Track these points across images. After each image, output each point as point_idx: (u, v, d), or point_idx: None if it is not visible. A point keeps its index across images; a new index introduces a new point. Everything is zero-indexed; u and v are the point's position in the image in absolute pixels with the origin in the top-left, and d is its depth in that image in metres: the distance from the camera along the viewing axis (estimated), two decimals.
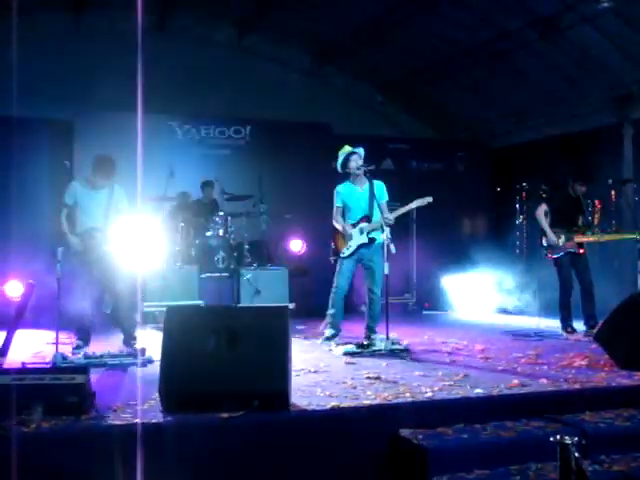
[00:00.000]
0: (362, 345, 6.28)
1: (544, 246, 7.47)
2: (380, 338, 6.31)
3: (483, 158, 11.91)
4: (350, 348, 6.20)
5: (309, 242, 9.94)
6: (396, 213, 6.59)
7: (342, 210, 6.76)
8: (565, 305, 7.42)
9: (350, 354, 6.06)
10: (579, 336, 7.17)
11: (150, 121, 9.35)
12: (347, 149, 6.73)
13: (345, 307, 6.91)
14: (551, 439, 3.41)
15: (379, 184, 6.73)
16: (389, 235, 6.23)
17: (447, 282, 10.33)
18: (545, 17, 8.79)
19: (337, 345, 6.43)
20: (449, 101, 11.59)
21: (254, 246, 9.47)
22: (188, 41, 10.92)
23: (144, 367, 5.50)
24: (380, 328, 6.43)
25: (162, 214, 9.11)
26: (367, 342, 6.37)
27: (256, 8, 10.50)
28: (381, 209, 6.53)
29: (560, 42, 9.11)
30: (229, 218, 9.35)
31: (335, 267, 6.86)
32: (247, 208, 9.45)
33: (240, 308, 7.37)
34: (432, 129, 12.78)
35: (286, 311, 4.40)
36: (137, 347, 5.84)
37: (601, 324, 5.62)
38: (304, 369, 5.31)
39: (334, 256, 6.96)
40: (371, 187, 6.62)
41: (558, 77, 9.74)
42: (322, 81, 12.11)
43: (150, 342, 6.12)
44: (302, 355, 5.82)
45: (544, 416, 4.36)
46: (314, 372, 5.26)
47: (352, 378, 5.00)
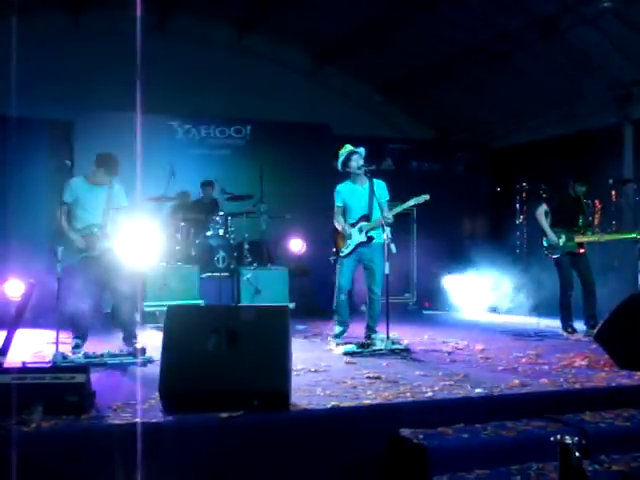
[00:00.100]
0: (362, 345, 6.27)
1: (544, 246, 7.47)
2: (380, 338, 6.30)
3: (483, 158, 11.92)
4: (350, 348, 6.19)
5: (309, 242, 9.94)
6: (394, 211, 6.56)
7: (342, 210, 6.75)
8: (565, 305, 7.42)
9: (350, 354, 6.06)
10: (579, 336, 7.16)
11: (150, 121, 9.37)
12: (348, 148, 6.70)
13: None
14: (551, 439, 3.42)
15: (380, 183, 6.70)
16: (390, 235, 6.21)
17: (447, 282, 10.34)
18: (545, 18, 8.80)
19: (337, 345, 6.43)
20: (449, 101, 11.59)
21: (254, 246, 9.48)
22: (188, 41, 10.93)
23: (144, 367, 5.50)
24: (380, 328, 6.43)
25: (162, 214, 9.11)
26: (367, 342, 6.37)
27: (256, 8, 10.51)
28: (382, 208, 6.52)
29: (560, 42, 9.11)
30: (229, 218, 9.36)
31: (335, 267, 6.86)
32: (247, 208, 9.47)
33: (240, 307, 7.37)
34: (432, 129, 12.78)
35: (286, 311, 4.40)
36: (137, 347, 5.82)
37: (601, 324, 5.61)
38: (304, 369, 5.30)
39: (334, 256, 6.96)
40: (371, 186, 6.60)
41: (558, 77, 9.75)
42: (322, 81, 12.12)
43: (150, 342, 6.13)
44: (302, 355, 5.81)
45: (544, 416, 4.35)
46: (314, 372, 5.25)
47: (352, 378, 4.99)
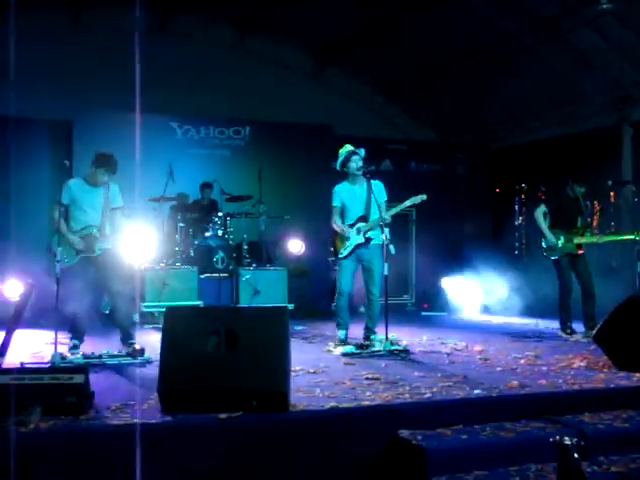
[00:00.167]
0: (361, 346, 6.28)
1: (543, 247, 7.47)
2: (379, 339, 6.30)
3: (482, 159, 11.93)
4: (349, 349, 6.19)
5: (308, 243, 9.94)
6: (391, 212, 6.51)
7: (340, 210, 6.67)
8: (564, 306, 7.41)
9: (349, 355, 6.06)
10: (578, 337, 7.16)
11: (150, 121, 9.37)
12: (348, 148, 6.63)
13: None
14: (550, 440, 3.42)
15: (378, 184, 6.63)
16: (389, 236, 6.18)
17: (446, 283, 10.34)
18: (545, 19, 8.81)
19: (336, 346, 6.43)
20: (449, 102, 11.60)
21: (253, 246, 9.48)
22: (189, 41, 10.92)
23: (143, 367, 5.50)
24: (379, 329, 6.41)
25: (162, 214, 9.10)
26: (366, 343, 6.37)
27: (257, 9, 10.51)
28: (380, 209, 6.49)
29: (560, 44, 9.13)
30: (228, 219, 9.36)
31: (334, 268, 6.84)
32: (246, 209, 9.47)
33: (239, 308, 7.36)
34: (433, 130, 12.79)
35: (285, 311, 4.40)
36: (136, 347, 5.82)
37: (600, 325, 5.61)
38: (303, 369, 5.29)
39: (333, 257, 6.92)
40: (369, 187, 6.54)
41: (558, 79, 9.76)
42: (323, 82, 12.12)
43: (149, 342, 6.13)
44: (301, 356, 5.80)
45: (543, 417, 4.35)
46: (313, 372, 5.25)
47: (351, 379, 4.99)
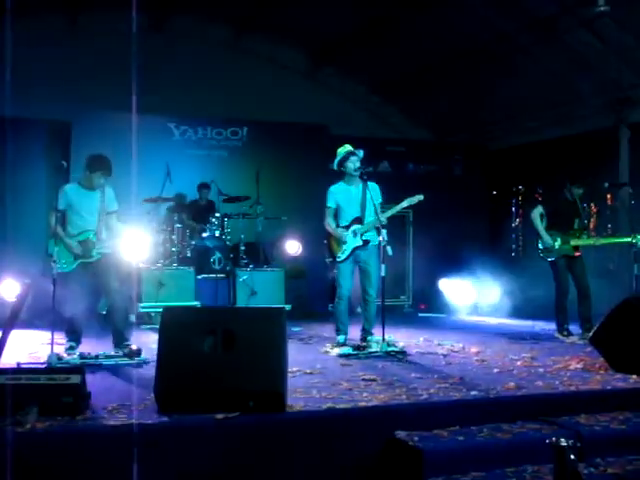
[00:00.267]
0: (358, 347, 6.27)
1: (540, 249, 7.47)
2: (376, 340, 6.29)
3: (480, 160, 11.93)
4: (346, 350, 6.19)
5: (305, 244, 9.93)
6: (388, 213, 6.49)
7: (334, 211, 6.61)
8: (561, 308, 7.42)
9: (346, 356, 6.06)
10: (575, 339, 7.16)
11: (147, 122, 9.37)
12: (348, 148, 6.58)
13: None
14: (547, 441, 3.41)
15: (374, 185, 6.59)
16: (386, 237, 6.16)
17: (443, 284, 10.35)
18: (542, 20, 8.82)
19: (333, 347, 6.42)
20: (446, 103, 11.60)
21: (250, 247, 9.47)
22: (185, 42, 10.92)
23: (139, 368, 5.50)
24: (376, 330, 6.39)
25: (159, 215, 9.09)
26: (363, 344, 6.36)
27: (254, 8, 10.50)
28: (376, 210, 6.46)
29: (558, 45, 9.14)
30: (225, 219, 9.35)
31: (332, 269, 6.81)
32: (244, 209, 9.46)
33: (237, 309, 7.36)
34: (429, 131, 12.79)
35: (282, 312, 4.40)
36: (132, 348, 5.82)
37: (597, 327, 5.61)
38: (300, 370, 5.29)
39: (330, 259, 6.84)
40: (365, 189, 6.50)
41: (555, 79, 9.76)
42: (320, 82, 12.12)
43: (146, 343, 6.13)
44: (298, 356, 5.81)
45: (540, 419, 4.36)
46: (310, 373, 5.25)
47: (348, 380, 4.99)
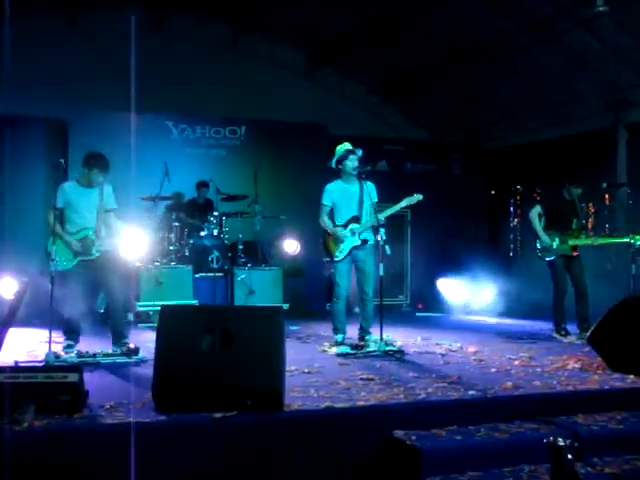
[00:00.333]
0: (356, 346, 6.27)
1: (538, 248, 7.47)
2: (374, 339, 6.29)
3: (478, 160, 11.93)
4: (344, 349, 6.19)
5: (304, 243, 9.92)
6: (387, 213, 6.48)
7: (329, 209, 6.56)
8: (559, 308, 7.42)
9: (344, 355, 6.06)
10: (572, 339, 7.16)
11: (146, 120, 9.38)
12: (347, 146, 6.55)
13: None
14: (544, 441, 3.42)
15: (371, 185, 6.55)
16: (384, 236, 6.15)
17: (441, 284, 10.35)
18: (541, 20, 8.83)
19: (331, 346, 6.42)
20: (445, 103, 11.61)
21: (248, 246, 9.46)
22: (184, 41, 10.90)
23: (137, 366, 5.50)
24: (374, 329, 6.39)
25: (157, 214, 9.08)
26: (361, 343, 6.36)
27: (252, 8, 10.50)
28: (371, 210, 6.43)
29: (556, 45, 9.15)
30: (224, 218, 9.34)
31: (329, 268, 6.79)
32: (242, 208, 9.46)
33: (235, 307, 7.35)
34: (427, 131, 12.79)
35: (280, 311, 4.40)
36: (130, 346, 5.82)
37: (594, 327, 5.61)
38: (298, 369, 5.29)
39: (328, 258, 6.81)
40: (362, 188, 6.48)
41: (553, 80, 9.77)
42: (318, 81, 12.12)
43: (144, 341, 6.12)
44: (296, 355, 5.80)
45: (537, 418, 4.36)
46: (308, 373, 5.25)
47: (346, 379, 4.99)
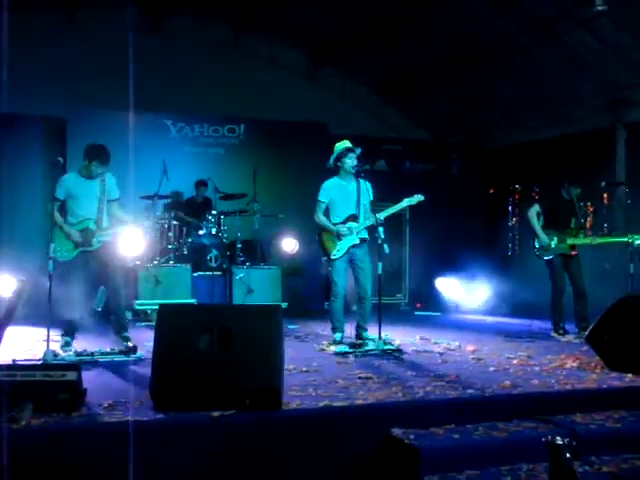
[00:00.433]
0: (354, 345, 6.27)
1: (536, 247, 7.47)
2: (372, 338, 6.30)
3: (477, 160, 11.94)
4: (342, 348, 6.19)
5: (302, 241, 9.92)
6: (387, 212, 6.49)
7: (326, 206, 6.54)
8: (557, 307, 7.43)
9: (342, 354, 6.06)
10: (570, 338, 7.17)
11: (144, 119, 9.38)
12: (346, 144, 6.52)
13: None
14: (542, 440, 3.42)
15: (368, 184, 6.54)
16: (382, 235, 6.15)
17: (439, 283, 10.36)
18: (542, 20, 8.83)
19: (330, 345, 6.42)
20: (446, 103, 11.61)
21: (247, 245, 9.47)
22: (184, 40, 10.90)
23: (135, 365, 5.49)
24: (372, 328, 6.40)
25: (155, 212, 9.07)
26: (359, 342, 6.36)
27: (253, 8, 10.49)
28: (366, 209, 6.43)
29: (556, 45, 9.15)
30: (222, 217, 9.34)
31: (325, 266, 6.78)
32: (240, 207, 9.46)
33: (233, 306, 7.35)
34: (428, 131, 12.80)
35: (279, 310, 4.40)
36: (129, 345, 5.81)
37: (593, 326, 5.63)
38: (296, 368, 5.29)
39: (326, 257, 6.79)
40: (359, 186, 6.48)
41: (553, 80, 9.78)
42: (319, 82, 12.12)
43: (142, 340, 6.12)
44: (294, 354, 5.81)
45: (535, 417, 4.36)
46: (306, 371, 5.25)
47: (344, 378, 4.98)
